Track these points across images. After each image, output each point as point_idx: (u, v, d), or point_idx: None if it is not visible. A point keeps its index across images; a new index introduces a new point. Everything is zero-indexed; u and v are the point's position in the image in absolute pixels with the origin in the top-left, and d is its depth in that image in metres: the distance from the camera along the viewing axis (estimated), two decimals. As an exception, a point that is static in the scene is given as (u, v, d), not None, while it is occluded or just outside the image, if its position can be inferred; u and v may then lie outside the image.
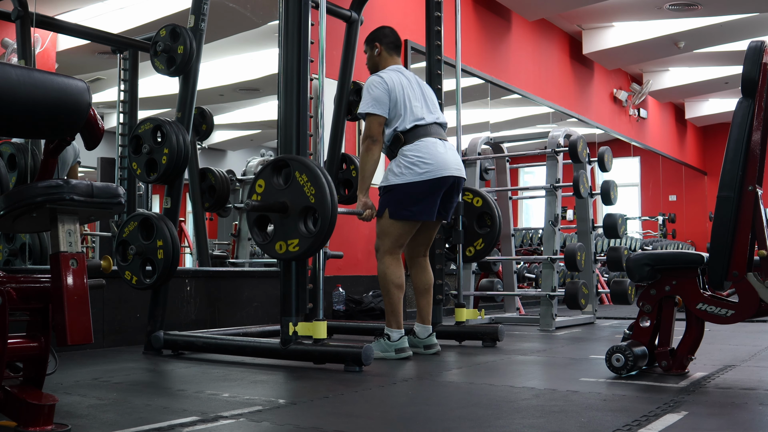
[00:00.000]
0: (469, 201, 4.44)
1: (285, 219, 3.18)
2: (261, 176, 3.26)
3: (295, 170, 3.16)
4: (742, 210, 2.81)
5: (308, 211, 3.15)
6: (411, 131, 3.64)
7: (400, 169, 3.61)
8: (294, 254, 3.18)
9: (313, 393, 2.72)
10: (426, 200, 3.61)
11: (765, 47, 2.83)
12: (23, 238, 4.27)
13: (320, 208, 3.10)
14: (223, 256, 6.18)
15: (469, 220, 4.43)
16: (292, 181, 3.17)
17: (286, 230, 3.18)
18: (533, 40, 9.07)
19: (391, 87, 3.65)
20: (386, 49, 3.84)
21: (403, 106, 3.65)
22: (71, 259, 2.01)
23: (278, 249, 3.20)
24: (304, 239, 3.14)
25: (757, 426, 2.23)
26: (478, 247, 4.45)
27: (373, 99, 3.63)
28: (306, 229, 3.15)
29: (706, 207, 14.00)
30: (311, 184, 3.12)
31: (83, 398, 2.51)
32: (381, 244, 3.68)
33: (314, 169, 3.14)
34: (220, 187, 5.49)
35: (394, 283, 3.64)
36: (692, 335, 3.04)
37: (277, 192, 3.20)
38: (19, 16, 4.50)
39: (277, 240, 3.20)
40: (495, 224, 4.40)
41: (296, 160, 3.20)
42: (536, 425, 2.11)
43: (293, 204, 3.16)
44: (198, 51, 3.87)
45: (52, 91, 2.15)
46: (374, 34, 3.89)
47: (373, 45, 3.86)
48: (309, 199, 3.12)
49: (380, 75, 3.71)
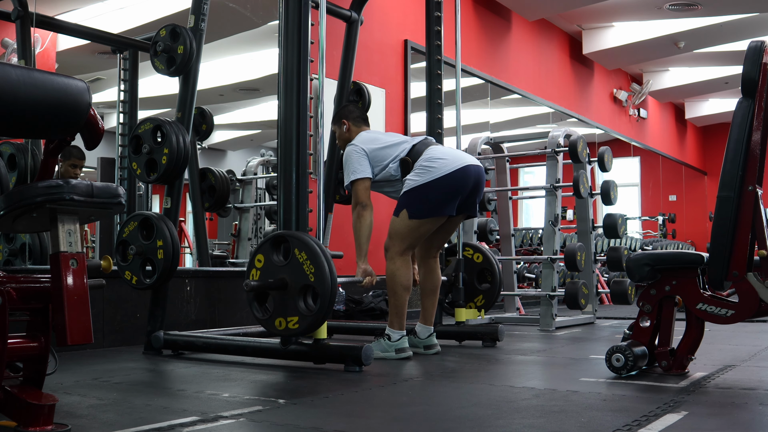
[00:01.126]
0: (469, 257, 4.45)
1: (284, 295, 3.14)
2: (260, 251, 3.22)
3: (294, 247, 3.12)
4: (742, 210, 2.81)
5: (308, 289, 3.10)
6: (413, 150, 3.70)
7: (421, 172, 3.62)
8: (294, 331, 3.14)
9: (313, 393, 2.71)
10: (446, 196, 3.60)
11: (765, 47, 2.83)
12: (23, 238, 4.27)
13: (320, 287, 3.06)
14: (223, 256, 6.18)
15: (469, 276, 4.43)
16: (292, 257, 3.13)
17: (285, 307, 3.14)
18: (533, 40, 9.07)
19: (365, 146, 3.71)
20: (354, 124, 3.90)
21: (388, 146, 3.72)
22: (71, 259, 2.00)
23: (278, 325, 3.16)
24: (304, 317, 3.10)
25: (757, 426, 2.23)
26: (478, 303, 4.45)
27: (353, 165, 3.68)
28: (306, 307, 3.11)
29: (706, 207, 14.01)
30: (310, 262, 3.07)
31: (83, 398, 2.51)
32: (392, 244, 3.66)
33: (313, 247, 3.09)
34: (220, 187, 5.49)
35: (402, 284, 3.63)
36: (692, 335, 3.04)
37: (277, 268, 3.16)
38: (19, 16, 4.50)
39: (277, 316, 3.17)
40: (495, 280, 4.41)
41: (295, 237, 3.16)
42: (536, 425, 2.11)
43: (292, 281, 3.12)
44: (198, 51, 3.87)
45: (52, 91, 2.15)
46: (339, 113, 3.97)
47: (340, 123, 3.92)
48: (308, 278, 3.07)
49: (352, 143, 3.76)
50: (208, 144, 6.37)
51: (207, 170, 5.52)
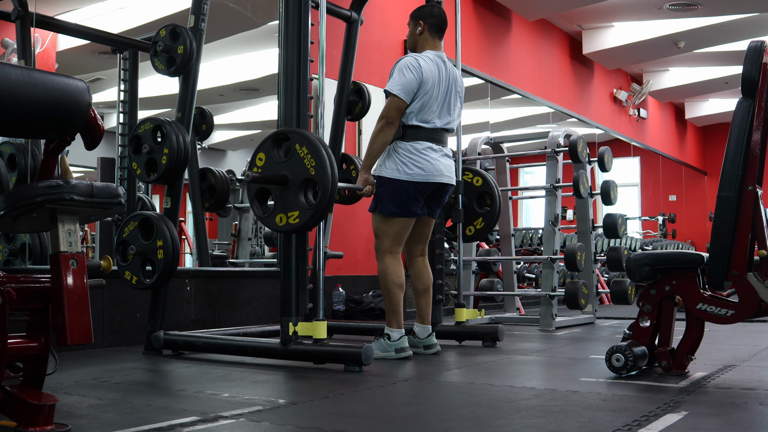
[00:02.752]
0: (468, 180, 4.44)
1: (285, 191, 3.18)
2: (261, 149, 3.26)
3: (296, 143, 3.16)
4: (742, 210, 2.81)
5: (308, 183, 3.15)
6: (413, 128, 3.62)
7: (393, 164, 3.61)
8: (294, 226, 3.17)
9: (313, 393, 2.72)
10: (411, 200, 3.62)
11: (765, 47, 2.83)
12: (23, 238, 4.27)
13: (320, 180, 3.10)
14: (223, 256, 6.18)
15: (468, 200, 4.42)
16: (293, 153, 3.17)
17: (286, 202, 3.18)
18: (533, 40, 9.07)
19: (425, 78, 3.57)
20: (429, 30, 3.71)
21: (421, 101, 3.59)
22: (71, 259, 2.00)
23: (278, 221, 3.19)
24: (305, 211, 3.13)
25: (757, 426, 2.23)
26: (478, 226, 4.44)
27: (403, 83, 3.55)
28: (306, 201, 3.15)
29: (706, 207, 14.00)
30: (311, 157, 3.12)
31: (83, 398, 2.51)
32: (380, 243, 3.68)
33: (315, 142, 3.14)
34: (220, 187, 5.48)
35: (394, 282, 3.64)
36: (692, 335, 3.04)
37: (278, 165, 3.21)
38: (19, 16, 4.50)
39: (277, 212, 3.20)
40: (495, 203, 4.40)
41: (297, 132, 3.20)
42: (536, 425, 2.11)
43: (293, 176, 3.16)
44: (198, 51, 3.87)
45: (52, 91, 2.15)
46: (420, 11, 3.75)
47: (417, 22, 3.73)
48: (309, 171, 3.12)
49: (419, 59, 3.60)
50: (208, 144, 6.37)
51: (207, 170, 5.51)
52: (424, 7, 3.82)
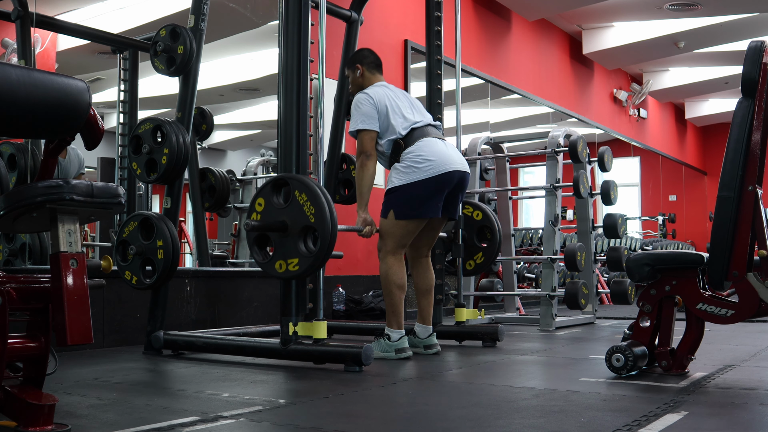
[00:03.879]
0: (469, 214, 4.44)
1: (285, 238, 3.16)
2: (260, 195, 3.24)
3: (295, 189, 3.14)
4: (742, 210, 2.81)
5: (308, 231, 3.13)
6: (409, 135, 3.66)
7: (405, 170, 3.61)
8: (294, 273, 3.16)
9: (313, 393, 2.72)
10: (431, 198, 3.60)
11: (765, 47, 2.83)
12: (23, 238, 4.27)
13: (320, 228, 3.08)
14: (223, 256, 6.18)
15: (469, 234, 4.42)
16: (292, 200, 3.15)
17: (286, 249, 3.16)
18: (533, 40, 9.07)
19: (378, 100, 3.67)
20: (368, 69, 3.86)
21: (393, 115, 3.67)
22: (71, 259, 2.01)
23: (278, 268, 3.18)
24: (304, 258, 3.12)
25: (757, 426, 2.23)
26: (478, 260, 4.45)
27: (362, 115, 3.65)
28: (306, 249, 3.13)
29: (706, 207, 14.00)
30: (311, 204, 3.09)
31: (83, 398, 2.51)
32: (384, 244, 3.67)
33: (314, 189, 3.11)
34: (220, 187, 5.49)
35: (396, 283, 3.64)
36: (692, 335, 3.04)
37: (277, 211, 3.18)
38: (19, 16, 4.50)
39: (277, 259, 3.18)
40: (495, 238, 4.40)
41: (296, 179, 3.18)
42: (536, 425, 2.11)
43: (293, 223, 3.14)
44: (198, 51, 3.87)
45: (52, 91, 2.15)
46: (354, 57, 3.93)
47: (354, 67, 3.88)
48: (309, 219, 3.10)
49: (365, 92, 3.72)
50: (208, 144, 6.37)
51: (207, 170, 5.52)
52: (357, 52, 3.98)
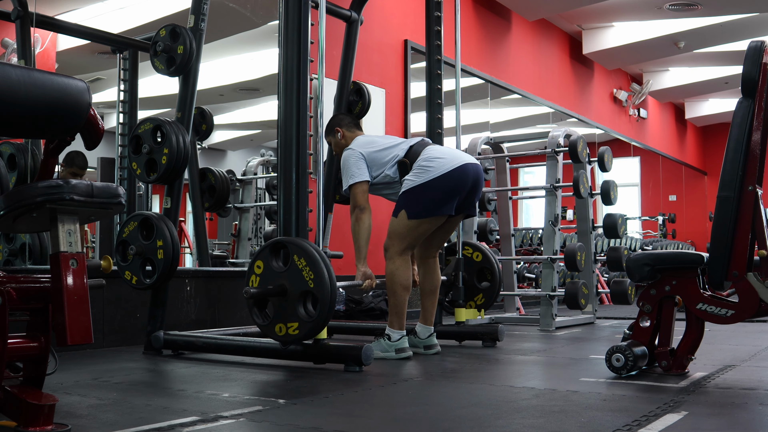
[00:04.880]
0: (468, 255, 4.44)
1: (284, 302, 3.14)
2: (259, 257, 3.22)
3: (293, 254, 3.12)
4: (742, 210, 2.81)
5: (307, 295, 3.10)
6: (410, 151, 3.69)
7: (417, 172, 3.62)
8: (294, 337, 3.14)
9: (313, 393, 2.71)
10: (445, 196, 3.59)
11: (765, 47, 2.83)
12: (23, 238, 4.27)
13: (319, 293, 3.06)
14: (223, 256, 6.18)
15: (469, 275, 4.42)
16: (291, 263, 3.12)
17: (285, 313, 3.14)
18: (533, 40, 9.07)
19: (362, 149, 3.72)
20: (347, 130, 3.90)
21: (385, 149, 3.72)
22: (71, 259, 2.00)
23: (278, 331, 3.17)
24: (304, 323, 3.10)
25: (757, 426, 2.23)
26: (478, 302, 4.45)
27: (350, 170, 3.68)
28: (306, 312, 3.11)
29: (706, 207, 14.01)
30: (309, 269, 3.07)
31: (83, 398, 2.51)
32: (392, 244, 3.66)
33: (312, 253, 3.09)
34: (220, 187, 5.48)
35: (402, 284, 3.63)
36: (692, 335, 3.04)
37: (276, 274, 3.16)
38: (19, 16, 4.50)
39: (277, 322, 3.17)
40: (495, 279, 4.40)
41: (294, 243, 3.15)
42: (536, 425, 2.11)
43: (292, 287, 3.12)
44: (198, 51, 3.87)
45: (52, 91, 2.15)
46: (330, 123, 3.97)
47: (333, 132, 3.92)
48: (308, 284, 3.07)
49: (350, 148, 3.76)
50: (208, 144, 6.37)
51: (207, 170, 5.51)
52: (332, 118, 4.02)
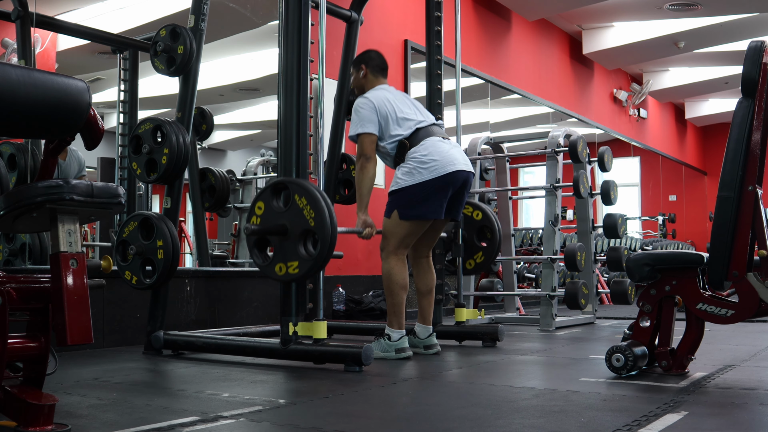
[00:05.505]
0: (468, 214, 4.44)
1: (285, 241, 3.17)
2: (260, 199, 3.25)
3: (294, 193, 3.15)
4: (742, 210, 2.81)
5: (308, 234, 3.14)
6: (413, 135, 3.67)
7: (409, 171, 3.61)
8: (294, 276, 3.18)
9: (313, 393, 2.72)
10: (435, 198, 3.60)
11: (765, 47, 2.83)
12: (23, 238, 4.27)
13: (320, 232, 3.09)
14: (223, 256, 6.18)
15: (469, 234, 4.42)
16: (292, 203, 3.16)
17: (285, 253, 3.17)
18: (533, 40, 9.07)
19: (378, 104, 3.68)
20: (372, 72, 3.86)
21: (396, 117, 3.68)
22: (71, 259, 2.01)
23: (278, 271, 3.19)
24: (304, 262, 3.13)
25: (757, 426, 2.23)
26: (478, 260, 4.45)
27: (362, 119, 3.66)
28: (306, 252, 3.14)
29: (706, 207, 14.00)
30: (310, 207, 3.10)
31: (83, 398, 2.51)
32: (386, 244, 3.67)
33: (313, 193, 3.12)
34: (220, 187, 5.49)
35: (398, 283, 3.64)
36: (692, 335, 3.04)
37: (277, 215, 3.19)
38: (19, 16, 4.50)
39: (277, 262, 3.19)
40: (495, 237, 4.40)
41: (295, 183, 3.19)
42: (536, 425, 2.11)
43: (293, 226, 3.15)
44: (198, 51, 3.87)
45: (52, 91, 2.15)
46: (360, 57, 3.94)
47: (359, 67, 3.89)
48: (309, 222, 3.11)
49: (365, 96, 3.74)
50: (208, 144, 6.37)
51: (207, 170, 5.52)
52: (364, 53, 3.97)
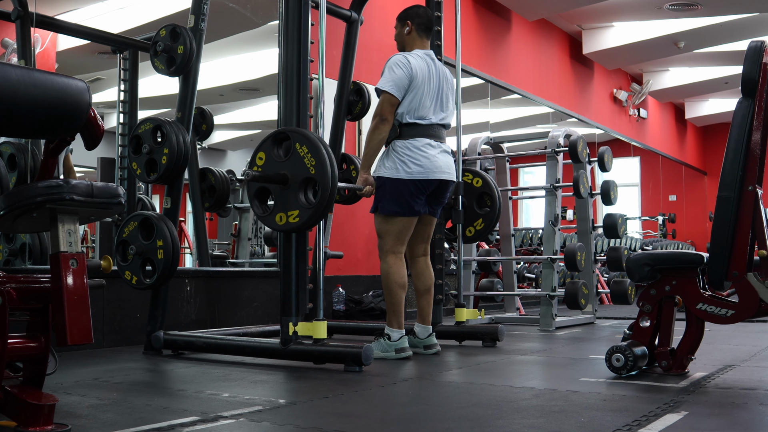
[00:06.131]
0: (468, 181, 4.43)
1: (285, 190, 3.19)
2: (261, 148, 3.27)
3: (296, 142, 3.17)
4: (742, 210, 2.81)
5: (308, 182, 3.16)
6: (409, 126, 3.62)
7: (392, 164, 3.61)
8: (294, 225, 3.18)
9: (313, 393, 2.72)
10: (414, 197, 3.61)
11: (765, 47, 2.83)
12: (23, 238, 4.27)
13: (320, 179, 3.11)
14: (223, 256, 6.18)
15: (468, 201, 4.42)
16: (293, 152, 3.17)
17: (286, 202, 3.19)
18: (533, 40, 9.07)
19: (414, 73, 3.59)
20: (417, 30, 3.74)
21: (414, 97, 3.59)
22: (71, 259, 2.01)
23: (278, 220, 3.20)
24: (305, 210, 3.14)
25: (757, 426, 2.23)
26: (478, 227, 4.44)
27: (393, 79, 3.56)
28: (306, 200, 3.16)
29: (706, 207, 14.00)
30: (311, 156, 3.13)
31: (83, 398, 2.51)
32: (383, 243, 3.68)
33: (315, 141, 3.14)
34: (220, 187, 5.48)
35: (397, 282, 3.64)
36: (692, 335, 3.04)
37: (278, 164, 3.21)
38: (19, 16, 4.50)
39: (277, 212, 3.21)
40: (495, 204, 4.40)
41: (297, 132, 3.21)
42: (536, 425, 2.11)
43: (293, 175, 3.17)
44: (198, 51, 3.87)
45: (52, 91, 2.15)
46: (407, 12, 3.79)
47: (404, 23, 3.76)
48: (309, 171, 3.13)
49: (407, 56, 3.63)
50: (208, 144, 6.37)
51: (207, 170, 5.51)
52: (411, 8, 3.82)
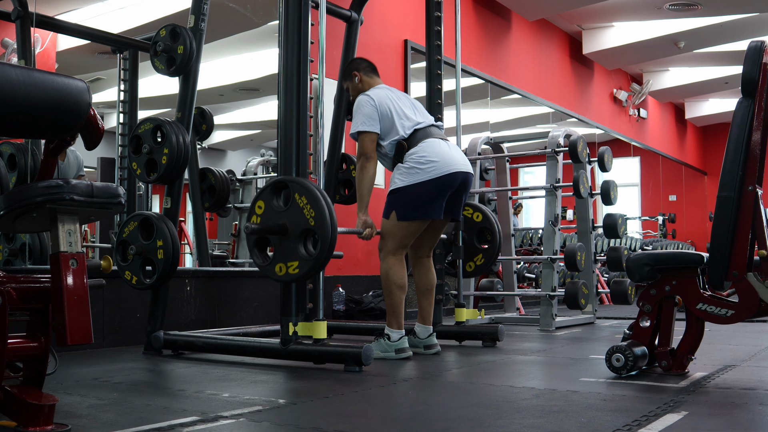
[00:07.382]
0: (469, 216, 4.44)
1: (285, 241, 3.17)
2: (260, 198, 3.24)
3: (295, 192, 3.14)
4: (742, 210, 2.81)
5: (308, 234, 3.13)
6: (412, 136, 3.66)
7: (408, 171, 3.60)
8: (294, 276, 3.17)
9: (313, 393, 2.72)
10: (434, 199, 3.60)
11: (765, 47, 2.83)
12: (23, 238, 4.27)
13: (320, 231, 3.09)
14: (223, 256, 6.18)
15: (469, 236, 4.42)
16: (292, 203, 3.15)
17: (285, 252, 3.17)
18: (533, 40, 9.07)
19: (379, 102, 3.67)
20: (365, 74, 3.86)
21: (396, 116, 3.67)
22: (71, 259, 2.01)
23: (278, 271, 3.19)
24: (304, 262, 3.13)
25: (757, 426, 2.23)
26: (478, 262, 4.45)
27: (364, 116, 3.65)
28: (306, 252, 3.13)
29: (706, 207, 14.01)
30: (311, 207, 3.10)
31: (83, 398, 2.51)
32: (385, 244, 3.67)
33: (314, 192, 3.12)
34: (220, 187, 5.49)
35: (396, 283, 3.64)
36: (692, 335, 3.04)
37: (277, 214, 3.19)
38: (19, 16, 4.50)
39: (277, 262, 3.19)
40: (495, 239, 4.40)
41: (295, 182, 3.18)
42: (536, 425, 2.11)
43: (293, 226, 3.14)
44: (198, 51, 3.87)
45: (52, 91, 2.15)
46: (348, 67, 3.95)
47: (351, 75, 3.88)
48: (309, 222, 3.10)
49: (367, 93, 3.73)
50: (208, 144, 6.37)
51: (207, 170, 5.52)
52: (349, 63, 4.01)
